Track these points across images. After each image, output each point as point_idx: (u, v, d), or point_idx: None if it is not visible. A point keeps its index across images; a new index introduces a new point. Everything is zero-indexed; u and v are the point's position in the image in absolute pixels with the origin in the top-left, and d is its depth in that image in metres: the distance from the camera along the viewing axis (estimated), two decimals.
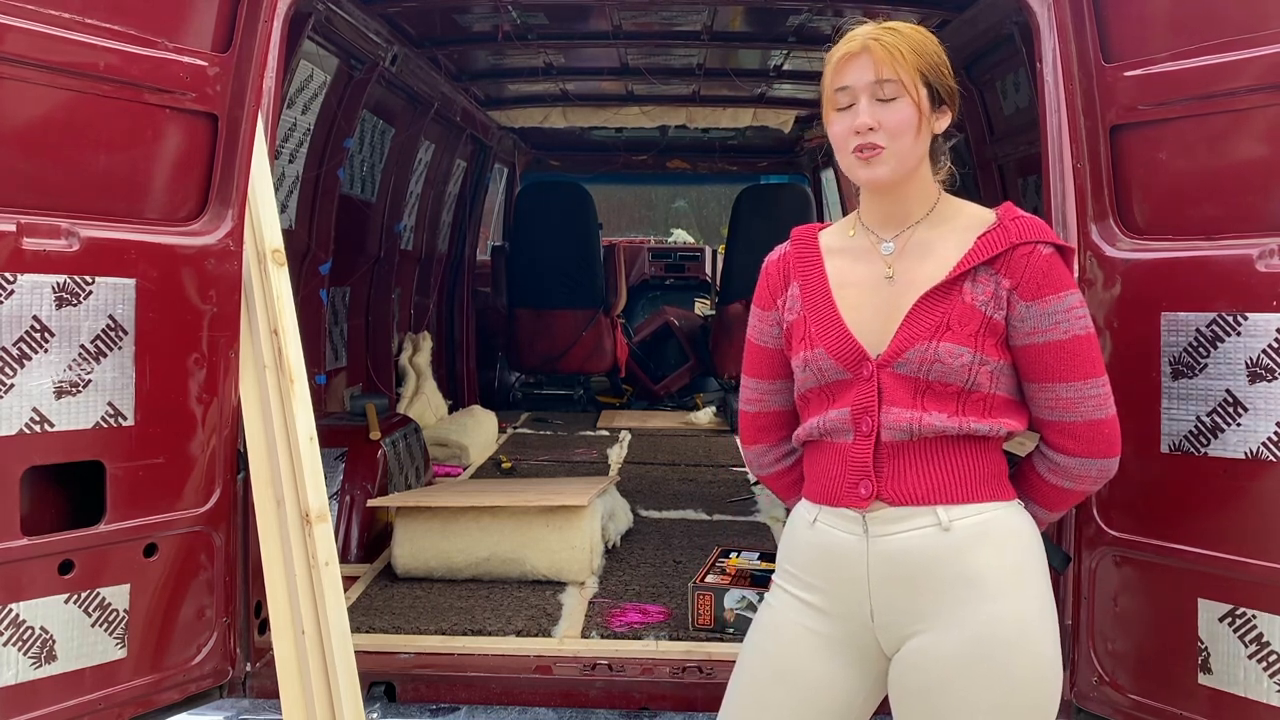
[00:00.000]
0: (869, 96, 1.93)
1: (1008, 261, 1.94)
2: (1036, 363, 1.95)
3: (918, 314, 1.94)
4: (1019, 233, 1.95)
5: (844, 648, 1.99)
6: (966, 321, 1.93)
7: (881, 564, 1.94)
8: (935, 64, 1.97)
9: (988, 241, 1.95)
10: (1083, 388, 1.95)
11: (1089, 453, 1.98)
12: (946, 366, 1.91)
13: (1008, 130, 4.59)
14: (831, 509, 2.00)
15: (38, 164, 2.50)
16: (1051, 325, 1.93)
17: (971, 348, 1.92)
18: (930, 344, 1.92)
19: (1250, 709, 2.40)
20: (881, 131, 1.93)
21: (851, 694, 2.01)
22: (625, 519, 4.46)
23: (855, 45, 1.95)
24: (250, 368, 2.84)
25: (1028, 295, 1.93)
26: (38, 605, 2.50)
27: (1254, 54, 2.42)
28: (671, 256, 10.16)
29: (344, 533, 4.16)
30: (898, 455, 1.95)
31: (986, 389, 1.94)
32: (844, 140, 1.97)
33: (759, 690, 2.05)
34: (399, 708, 2.98)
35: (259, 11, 2.87)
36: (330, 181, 4.90)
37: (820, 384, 2.02)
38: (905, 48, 1.93)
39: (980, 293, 1.94)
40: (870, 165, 1.95)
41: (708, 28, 5.19)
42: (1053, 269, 1.94)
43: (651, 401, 8.56)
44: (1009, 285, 1.93)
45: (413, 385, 6.59)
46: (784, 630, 2.04)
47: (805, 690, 2.00)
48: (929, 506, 1.93)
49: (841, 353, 1.98)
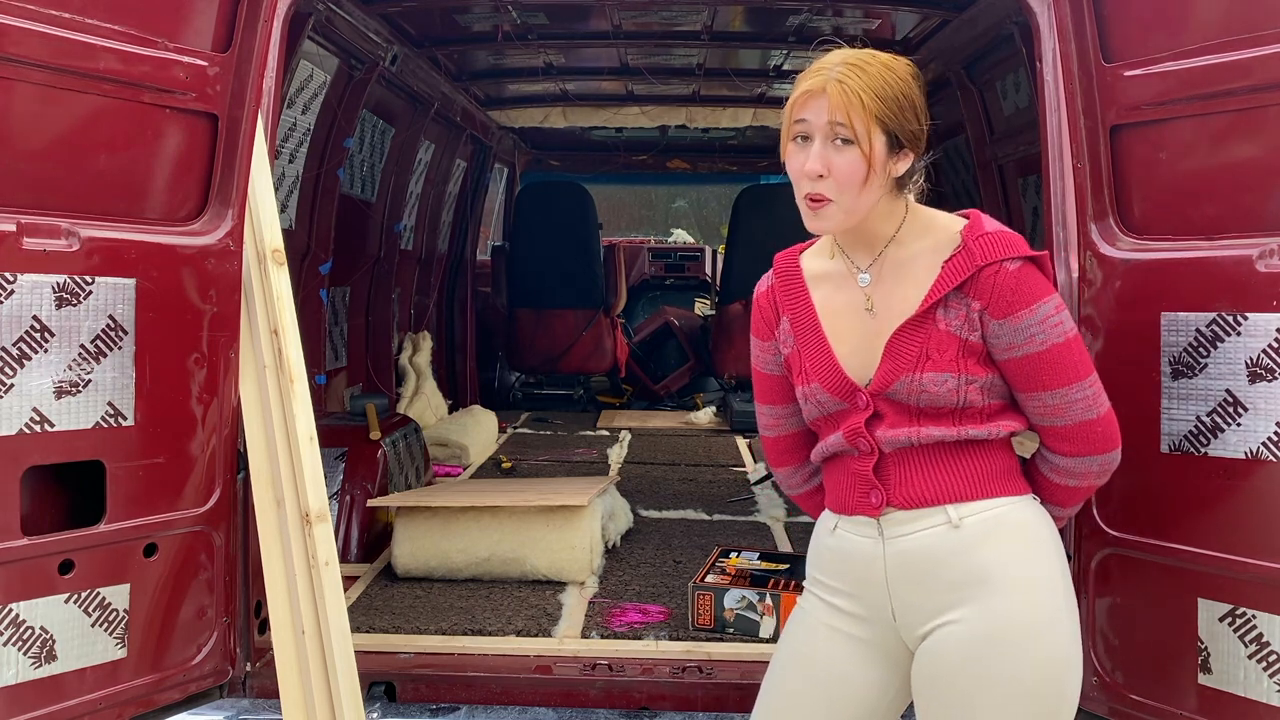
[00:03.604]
0: (823, 137, 1.90)
1: (975, 284, 1.92)
2: (1019, 374, 1.96)
3: (896, 347, 1.97)
4: (983, 254, 1.92)
5: (872, 649, 2.04)
6: (944, 348, 1.94)
7: (898, 564, 1.98)
8: (898, 108, 1.90)
9: (952, 268, 1.94)
10: (1068, 393, 1.96)
11: (1085, 451, 2.00)
12: (933, 394, 1.94)
13: (1008, 130, 4.59)
14: (848, 518, 2.06)
15: (38, 164, 2.50)
16: (1027, 339, 1.93)
17: (954, 371, 1.94)
18: (914, 375, 1.94)
19: (1250, 709, 2.40)
20: (830, 180, 1.90)
21: (880, 694, 2.05)
22: (625, 519, 4.46)
23: (817, 83, 1.90)
24: (250, 368, 2.84)
25: (998, 314, 1.92)
26: (38, 605, 2.50)
27: (1254, 54, 2.42)
28: (671, 256, 10.15)
29: (344, 533, 4.15)
30: (902, 463, 1.99)
31: (980, 403, 1.97)
32: (797, 180, 1.95)
33: (790, 690, 2.10)
34: (399, 708, 2.97)
35: (259, 11, 2.87)
36: (330, 181, 4.90)
37: (823, 414, 2.07)
38: (866, 93, 1.87)
39: (953, 318, 1.94)
40: (818, 217, 1.93)
41: (708, 28, 5.19)
42: (1021, 284, 1.91)
43: (651, 401, 8.56)
44: (979, 307, 1.93)
45: (413, 385, 6.59)
46: (814, 632, 2.09)
47: (835, 690, 2.05)
48: (939, 506, 1.96)
49: (835, 387, 2.02)
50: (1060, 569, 1.98)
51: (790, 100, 1.95)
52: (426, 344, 6.84)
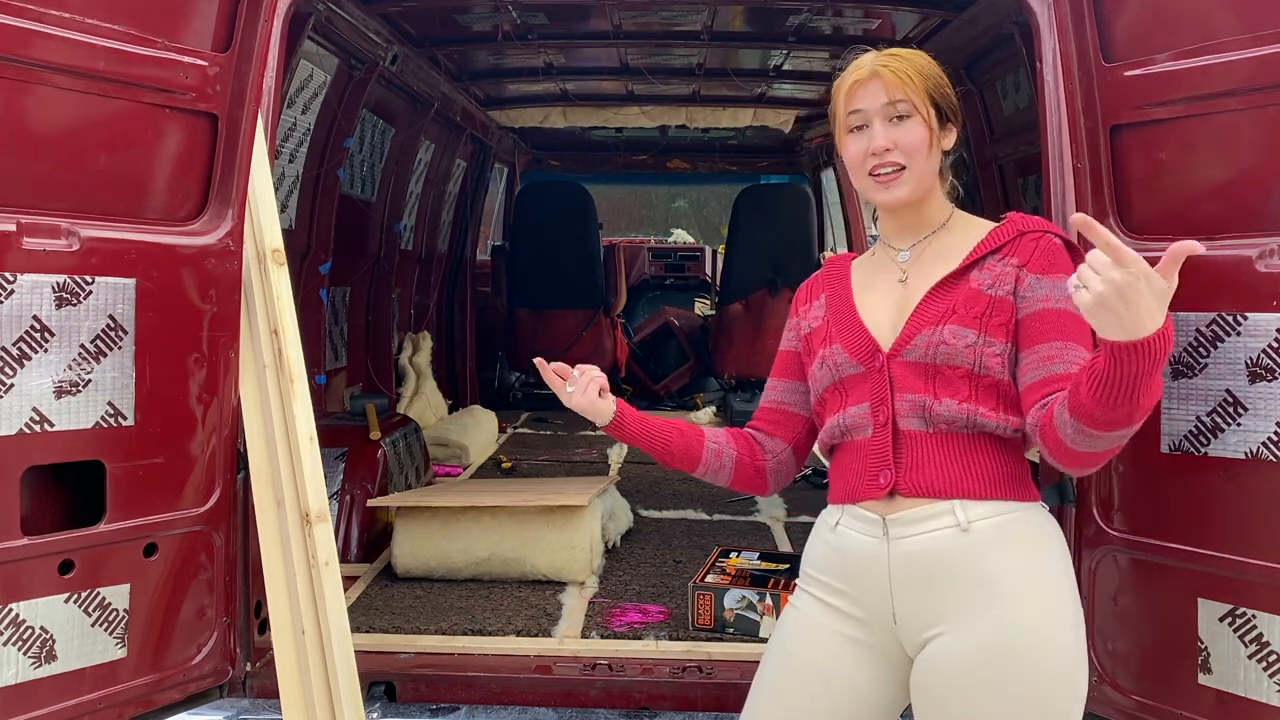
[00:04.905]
0: (882, 119, 2.02)
1: (1017, 246, 2.01)
2: (1047, 324, 1.94)
3: (926, 304, 2.01)
4: (1026, 224, 2.04)
5: (868, 650, 2.01)
6: (972, 305, 1.98)
7: (902, 566, 1.95)
8: (940, 84, 2.07)
9: (995, 234, 2.05)
10: (1082, 352, 1.91)
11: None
12: (951, 348, 1.95)
13: (1008, 130, 4.59)
14: (853, 512, 2.03)
15: (38, 164, 2.50)
16: (1065, 296, 1.88)
17: (976, 329, 1.96)
18: (936, 328, 1.97)
19: (1250, 709, 2.40)
20: (898, 151, 2.01)
21: (876, 696, 2.02)
22: (625, 519, 4.46)
23: (864, 72, 2.03)
24: (250, 368, 2.84)
25: (1038, 269, 1.98)
26: (38, 605, 2.50)
27: (1254, 53, 2.42)
28: (671, 256, 10.14)
29: (344, 533, 4.15)
30: (916, 447, 1.98)
31: (997, 374, 1.95)
32: (860, 162, 2.05)
33: (781, 689, 2.07)
34: (399, 708, 2.97)
35: (259, 11, 2.87)
36: (330, 181, 4.90)
37: (835, 379, 2.07)
38: (912, 71, 2.02)
39: (986, 277, 1.99)
40: (890, 188, 2.03)
41: (708, 27, 5.19)
42: (1062, 255, 2.00)
43: (652, 401, 8.55)
44: (1017, 263, 1.99)
45: (413, 385, 6.59)
46: (808, 632, 2.06)
47: (827, 690, 2.02)
48: (946, 501, 1.93)
49: (855, 346, 2.05)
50: (1068, 578, 1.96)
51: (839, 97, 2.08)
52: (426, 344, 6.84)
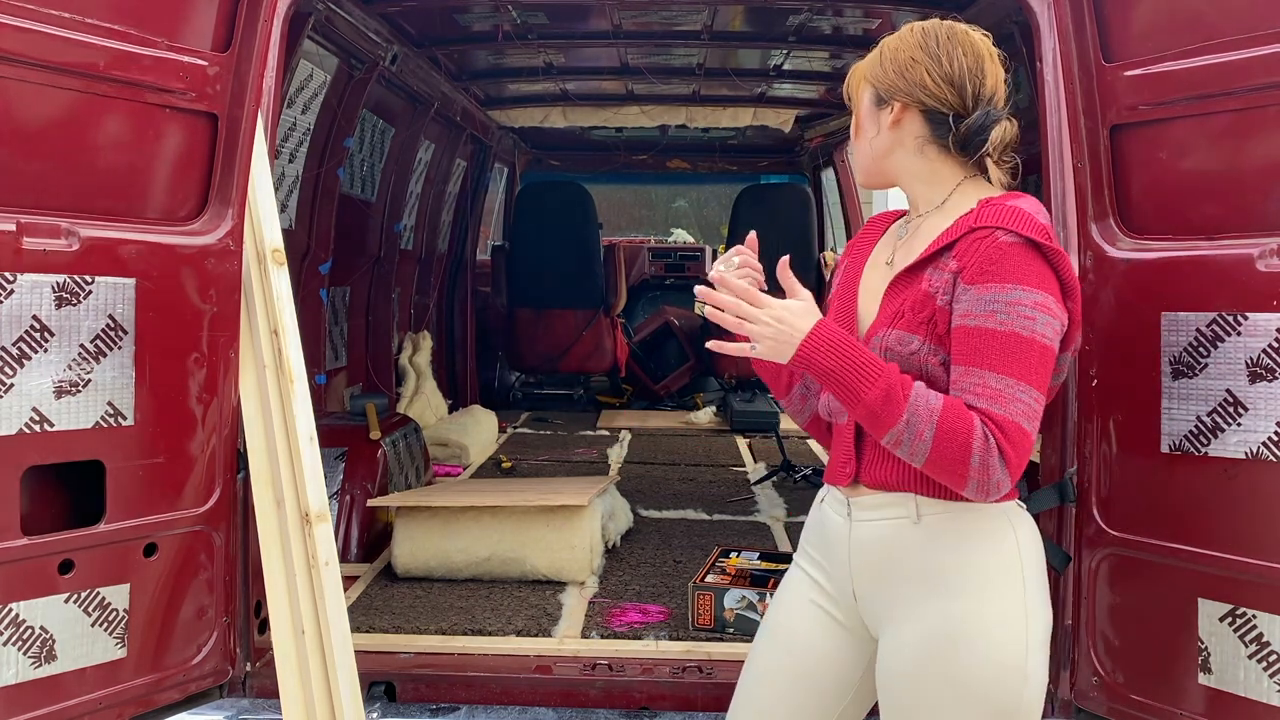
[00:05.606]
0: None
1: (961, 245, 1.85)
2: (964, 345, 1.81)
3: (886, 301, 1.97)
4: (979, 218, 1.85)
5: (842, 627, 2.05)
6: (920, 309, 1.88)
7: (859, 549, 1.98)
8: (882, 65, 1.99)
9: (955, 226, 1.89)
10: (1014, 386, 1.77)
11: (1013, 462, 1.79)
12: (897, 355, 1.88)
13: None
14: (831, 491, 2.08)
15: (37, 164, 2.50)
16: (987, 313, 1.79)
17: (921, 336, 1.87)
18: (886, 331, 1.92)
19: (1250, 709, 2.40)
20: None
21: (849, 670, 2.05)
22: (625, 519, 4.46)
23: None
24: (250, 368, 2.84)
25: (968, 279, 1.82)
26: (38, 605, 2.50)
27: (1254, 53, 2.42)
28: (671, 256, 10.13)
29: (344, 533, 4.15)
30: (878, 442, 1.90)
31: (943, 383, 1.86)
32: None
33: (764, 658, 2.12)
34: (399, 707, 2.97)
35: (259, 11, 2.87)
36: (330, 181, 4.90)
37: None
38: (865, 64, 2.05)
39: (938, 279, 1.87)
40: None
41: (708, 27, 5.19)
42: (1006, 259, 1.80)
43: (651, 401, 8.56)
44: (955, 267, 1.84)
45: (413, 385, 6.59)
46: (793, 606, 2.11)
47: (806, 661, 2.06)
48: (902, 494, 1.92)
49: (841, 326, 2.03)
50: (1023, 579, 1.89)
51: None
52: (426, 344, 6.84)
